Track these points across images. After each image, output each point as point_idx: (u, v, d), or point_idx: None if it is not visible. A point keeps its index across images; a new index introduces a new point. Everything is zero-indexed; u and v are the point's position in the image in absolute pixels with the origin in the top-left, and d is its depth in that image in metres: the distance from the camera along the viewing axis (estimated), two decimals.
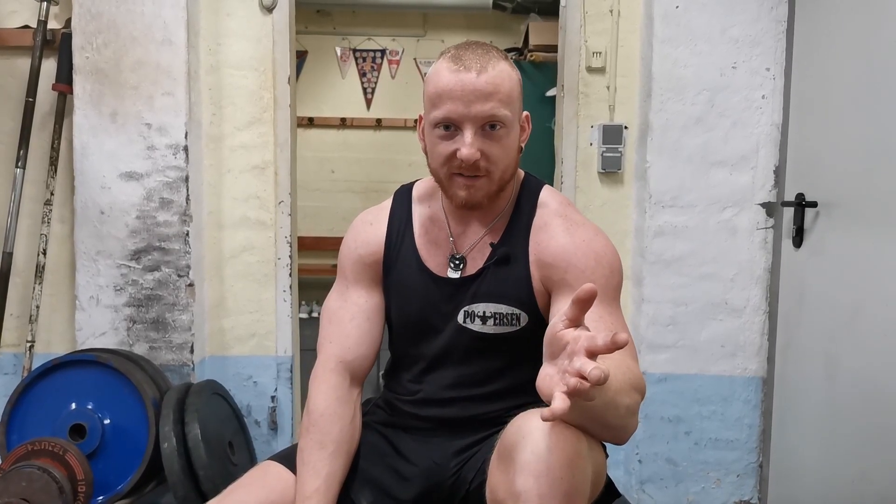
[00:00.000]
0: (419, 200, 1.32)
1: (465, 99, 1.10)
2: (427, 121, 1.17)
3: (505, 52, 1.19)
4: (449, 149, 1.14)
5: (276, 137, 2.31)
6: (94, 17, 2.12)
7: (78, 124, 2.14)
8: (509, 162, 1.18)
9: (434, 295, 1.25)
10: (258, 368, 2.36)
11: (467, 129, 1.11)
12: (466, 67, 1.10)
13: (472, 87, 1.10)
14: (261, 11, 2.29)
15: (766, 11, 2.16)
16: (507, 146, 1.16)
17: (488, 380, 1.24)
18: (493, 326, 1.21)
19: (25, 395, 1.98)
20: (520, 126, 1.21)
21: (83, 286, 2.17)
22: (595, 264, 1.16)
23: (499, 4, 4.59)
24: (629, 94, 2.31)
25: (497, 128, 1.13)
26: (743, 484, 2.30)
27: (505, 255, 1.21)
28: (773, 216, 2.21)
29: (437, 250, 1.27)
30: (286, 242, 2.34)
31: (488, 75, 1.11)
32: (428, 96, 1.15)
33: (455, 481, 1.23)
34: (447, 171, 1.16)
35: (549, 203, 1.25)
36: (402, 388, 1.32)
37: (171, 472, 1.85)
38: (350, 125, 5.13)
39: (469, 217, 1.25)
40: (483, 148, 1.13)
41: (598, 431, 0.98)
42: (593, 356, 0.78)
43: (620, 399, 0.94)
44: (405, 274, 1.28)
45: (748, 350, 2.25)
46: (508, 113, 1.13)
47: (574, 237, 1.19)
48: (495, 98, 1.11)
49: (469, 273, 1.24)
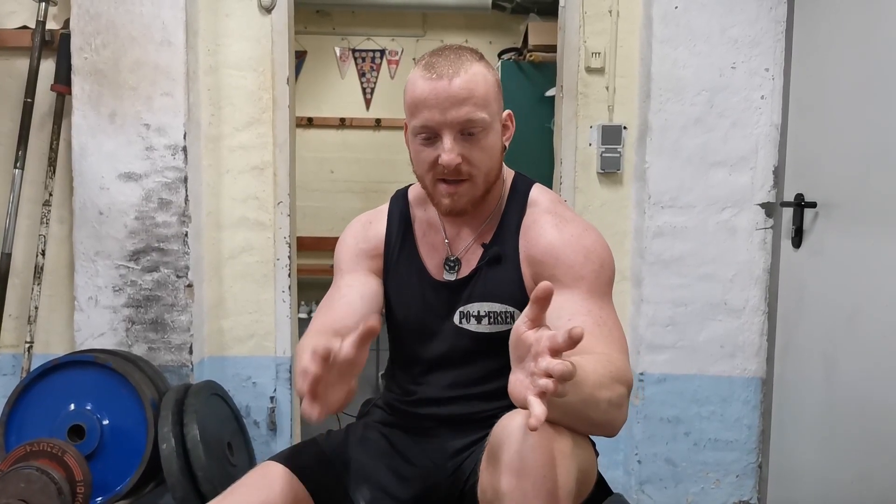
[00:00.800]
0: (415, 204, 1.34)
1: (441, 106, 1.12)
2: (409, 129, 1.20)
3: (480, 53, 1.20)
4: (431, 156, 1.16)
5: (275, 138, 2.31)
6: (92, 17, 2.12)
7: (76, 125, 2.14)
8: (492, 164, 1.19)
9: (431, 298, 1.26)
10: (257, 369, 2.36)
11: (446, 135, 1.13)
12: (439, 75, 1.12)
13: (445, 94, 1.11)
14: (259, 12, 2.29)
15: (766, 12, 2.16)
16: (488, 147, 1.17)
17: (486, 379, 1.25)
18: (489, 325, 1.22)
19: (24, 395, 1.98)
20: (502, 125, 1.22)
21: (82, 287, 2.17)
22: (584, 259, 1.16)
23: (498, 4, 4.60)
24: (628, 95, 2.31)
25: (475, 131, 1.14)
26: (742, 484, 2.30)
27: (496, 254, 1.23)
28: (773, 216, 2.21)
29: (434, 253, 1.29)
30: (285, 243, 2.34)
31: (461, 80, 1.12)
32: (406, 106, 1.18)
33: (452, 482, 1.23)
34: (432, 178, 1.18)
35: (539, 201, 1.26)
36: (401, 389, 1.33)
37: (170, 473, 1.85)
38: (349, 125, 5.13)
39: (462, 220, 1.26)
40: (464, 152, 1.14)
41: (584, 427, 0.99)
42: (557, 354, 0.79)
43: (600, 394, 0.94)
44: (405, 275, 1.29)
45: (747, 350, 2.25)
46: (485, 115, 1.14)
47: (563, 233, 1.20)
48: (470, 102, 1.12)
49: (463, 275, 1.25)
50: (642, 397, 2.27)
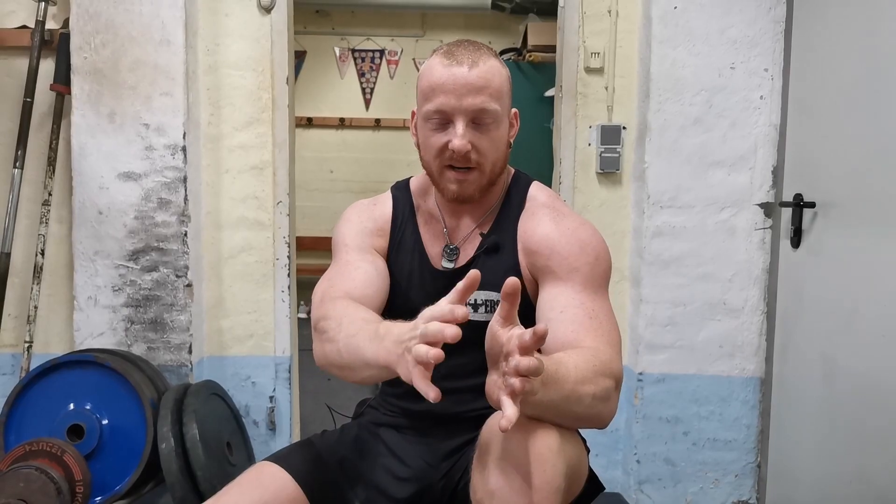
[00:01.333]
0: (417, 195, 1.35)
1: (457, 92, 1.13)
2: (420, 114, 1.21)
3: (495, 51, 1.22)
4: (441, 141, 1.17)
5: (274, 138, 2.31)
6: (92, 17, 2.12)
7: (76, 124, 2.14)
8: (499, 156, 1.21)
9: (429, 286, 1.27)
10: (256, 369, 2.36)
11: (459, 121, 1.15)
12: (459, 62, 1.14)
13: (463, 80, 1.13)
14: (259, 11, 2.29)
15: (764, 12, 2.16)
16: (497, 139, 1.19)
17: (478, 371, 1.24)
18: (485, 314, 1.22)
19: (23, 395, 1.99)
20: (509, 122, 1.24)
21: (81, 286, 2.17)
22: (579, 251, 1.17)
23: (497, 5, 4.59)
24: (627, 95, 2.31)
25: (487, 121, 1.16)
26: (741, 484, 2.30)
27: (494, 243, 1.24)
28: (771, 216, 2.21)
29: (435, 242, 1.30)
30: (284, 243, 2.34)
31: (479, 70, 1.14)
32: (421, 90, 1.19)
33: (445, 482, 1.24)
34: (439, 164, 1.19)
35: (538, 196, 1.28)
36: (396, 381, 1.32)
37: (170, 473, 1.85)
38: (349, 125, 5.13)
39: (462, 211, 1.28)
40: (473, 140, 1.16)
41: (570, 422, 1.00)
42: (527, 352, 0.80)
43: (583, 389, 0.95)
44: (407, 260, 1.30)
45: (746, 350, 2.25)
46: (498, 107, 1.17)
47: (559, 225, 1.21)
48: (486, 92, 1.14)
49: (462, 263, 1.26)
50: (641, 397, 2.27)
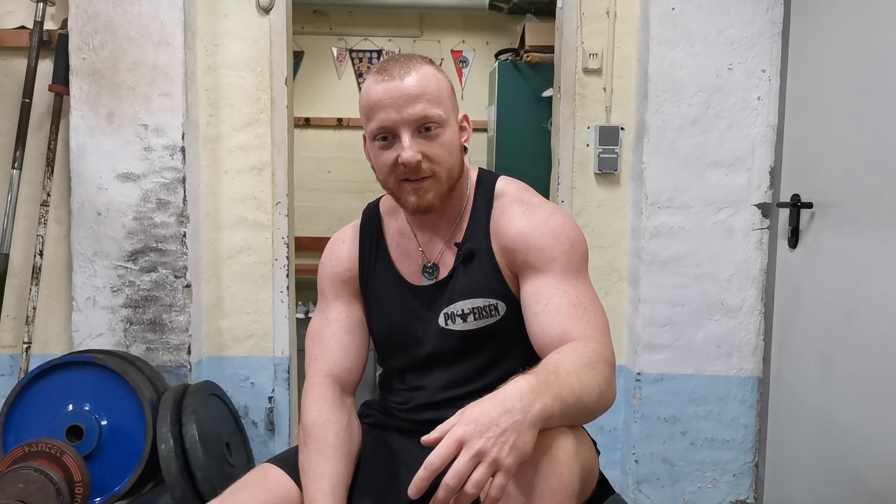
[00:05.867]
0: (387, 214, 1.34)
1: (396, 105, 1.13)
2: (368, 136, 1.21)
3: (430, 59, 1.22)
4: (391, 157, 1.16)
5: (273, 138, 2.31)
6: (90, 17, 2.12)
7: (74, 125, 2.14)
8: (454, 161, 1.20)
9: (412, 304, 1.27)
10: (255, 369, 2.36)
11: (404, 133, 1.14)
12: (391, 76, 1.14)
13: (398, 92, 1.13)
14: (258, 12, 2.29)
15: (762, 13, 2.17)
16: (448, 144, 1.18)
17: (479, 375, 1.25)
18: (475, 322, 1.23)
19: (22, 396, 1.98)
20: (459, 126, 1.23)
21: (80, 287, 2.17)
22: (554, 241, 1.18)
23: (495, 5, 4.60)
24: (625, 96, 2.32)
25: (432, 128, 1.15)
26: (739, 483, 2.30)
27: (469, 251, 1.24)
28: (769, 217, 2.22)
29: (410, 261, 1.29)
30: (283, 243, 2.34)
31: (412, 78, 1.14)
32: (363, 112, 1.19)
33: None
34: (395, 180, 1.19)
35: (506, 191, 1.27)
36: (397, 397, 1.33)
37: (169, 473, 1.85)
38: (346, 125, 5.14)
39: (431, 223, 1.27)
40: (423, 149, 1.15)
41: (585, 418, 1.04)
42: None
43: (590, 384, 0.98)
44: (382, 286, 1.30)
45: (744, 350, 2.26)
46: (440, 112, 1.16)
47: (531, 219, 1.21)
48: (424, 99, 1.14)
49: (442, 277, 1.26)
50: (639, 397, 2.28)
